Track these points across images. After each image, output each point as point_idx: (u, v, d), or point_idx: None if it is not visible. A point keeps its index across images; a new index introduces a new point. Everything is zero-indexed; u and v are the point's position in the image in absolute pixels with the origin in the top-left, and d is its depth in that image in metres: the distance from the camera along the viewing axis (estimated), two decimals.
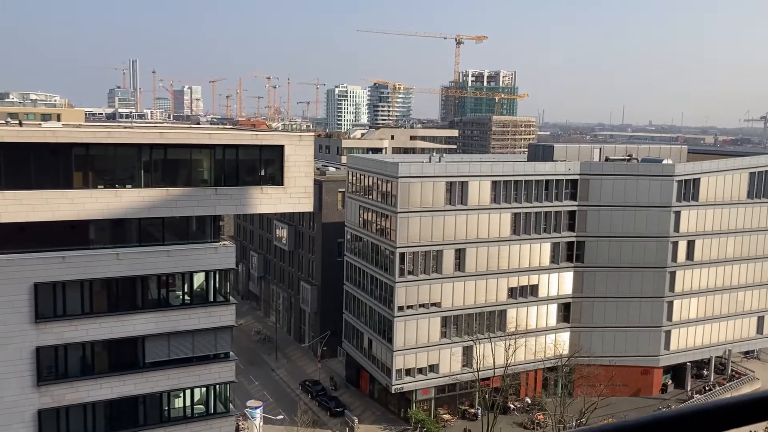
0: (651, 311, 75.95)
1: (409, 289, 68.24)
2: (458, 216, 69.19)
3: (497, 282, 71.91)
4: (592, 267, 74.94)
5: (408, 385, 68.62)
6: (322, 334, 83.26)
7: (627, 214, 73.89)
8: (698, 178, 75.33)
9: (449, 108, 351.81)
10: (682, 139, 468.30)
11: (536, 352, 72.31)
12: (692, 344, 79.12)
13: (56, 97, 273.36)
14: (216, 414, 42.03)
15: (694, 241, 76.65)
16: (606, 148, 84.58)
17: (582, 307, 75.69)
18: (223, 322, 41.40)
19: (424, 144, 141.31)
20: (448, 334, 70.32)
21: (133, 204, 37.62)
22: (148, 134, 38.94)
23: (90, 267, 37.19)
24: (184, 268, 39.94)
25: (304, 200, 42.14)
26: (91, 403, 38.00)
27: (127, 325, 38.43)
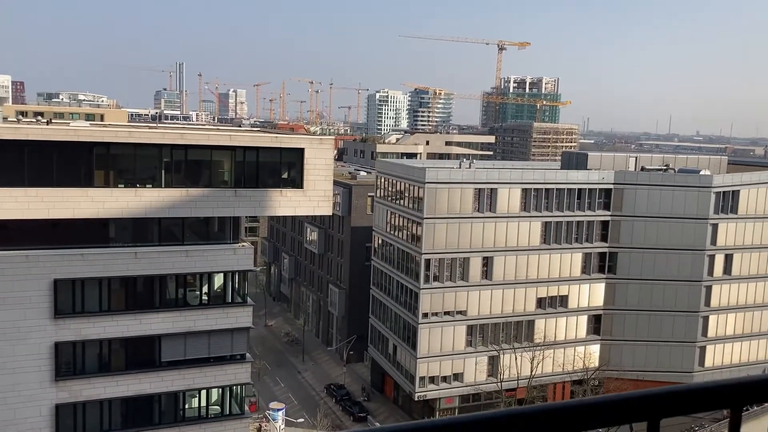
0: (685, 326, 73.75)
1: (435, 295, 67.60)
2: (486, 223, 68.31)
3: (525, 291, 70.72)
4: (624, 279, 73.15)
5: (431, 393, 67.93)
6: (348, 337, 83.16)
7: (662, 225, 71.93)
8: (737, 190, 72.92)
9: (490, 114, 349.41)
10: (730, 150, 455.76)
11: (564, 364, 70.83)
12: (728, 361, 76.54)
13: (103, 98, 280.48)
14: (231, 415, 42.13)
15: (732, 255, 74.18)
16: (642, 157, 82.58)
17: (613, 320, 73.91)
18: (240, 323, 41.51)
19: (459, 150, 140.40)
20: (474, 342, 69.42)
21: (153, 204, 38.01)
22: (169, 135, 39.35)
23: (109, 265, 37.69)
24: (202, 269, 40.19)
25: (323, 203, 42.03)
26: (107, 400, 38.46)
27: (144, 324, 38.82)
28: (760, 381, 2.06)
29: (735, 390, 2.04)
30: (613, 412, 1.90)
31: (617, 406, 1.91)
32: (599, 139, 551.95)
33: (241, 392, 43.10)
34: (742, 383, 2.05)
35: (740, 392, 2.04)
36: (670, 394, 1.97)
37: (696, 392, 2.00)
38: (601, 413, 1.89)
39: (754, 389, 2.06)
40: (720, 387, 2.03)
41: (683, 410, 1.98)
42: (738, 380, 2.06)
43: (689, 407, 2.00)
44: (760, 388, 2.07)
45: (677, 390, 1.98)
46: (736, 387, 2.05)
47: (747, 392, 2.05)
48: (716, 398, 2.03)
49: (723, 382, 2.04)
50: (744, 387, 2.05)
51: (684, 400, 1.99)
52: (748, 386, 2.06)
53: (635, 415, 1.92)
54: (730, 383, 2.05)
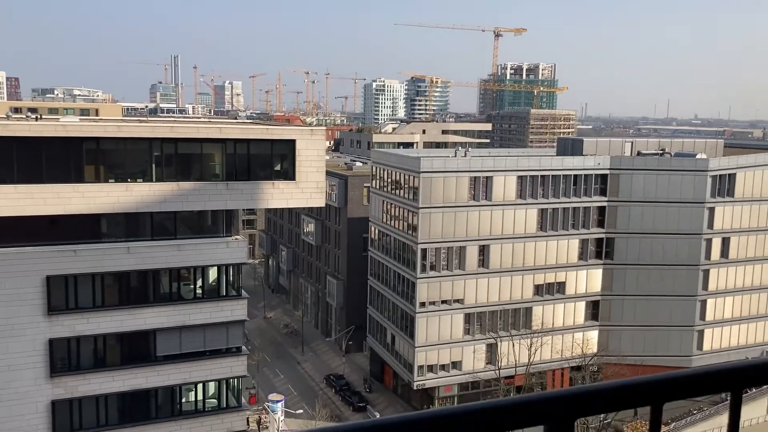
0: (683, 310, 73.79)
1: (431, 285, 67.58)
2: (482, 211, 68.17)
3: (522, 279, 70.71)
4: (622, 264, 73.10)
5: (430, 381, 68.05)
6: (347, 328, 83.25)
7: (658, 210, 71.81)
8: (734, 173, 72.76)
9: (487, 101, 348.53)
10: (728, 133, 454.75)
11: (562, 350, 70.89)
12: (727, 345, 76.64)
13: (99, 93, 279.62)
14: (228, 408, 42.17)
15: (729, 239, 74.13)
16: (638, 142, 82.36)
17: (611, 305, 73.94)
18: (235, 316, 41.47)
19: (456, 138, 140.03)
20: (472, 331, 69.48)
21: (144, 198, 37.86)
22: (159, 128, 39.14)
23: (101, 260, 37.58)
24: (195, 262, 40.09)
25: (316, 195, 41.88)
26: (103, 395, 38.47)
27: (138, 319, 38.77)
28: (759, 364, 2.11)
29: (735, 374, 2.07)
30: (617, 397, 1.92)
31: (621, 392, 1.92)
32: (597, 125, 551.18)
33: (238, 385, 43.12)
34: (741, 367, 2.09)
35: (740, 376, 2.07)
36: (672, 378, 1.99)
37: (698, 376, 2.03)
38: (605, 399, 1.91)
39: (754, 373, 2.10)
40: (721, 371, 2.07)
41: (686, 394, 2.00)
42: (737, 364, 2.09)
43: (692, 391, 2.01)
44: (759, 371, 2.11)
45: (679, 375, 2.00)
46: (736, 371, 2.08)
47: (746, 376, 2.08)
48: (717, 382, 2.07)
49: (723, 366, 2.07)
50: (743, 371, 2.09)
51: (686, 385, 2.01)
52: (748, 370, 2.09)
53: (639, 400, 1.94)
54: (730, 367, 2.08)
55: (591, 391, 1.89)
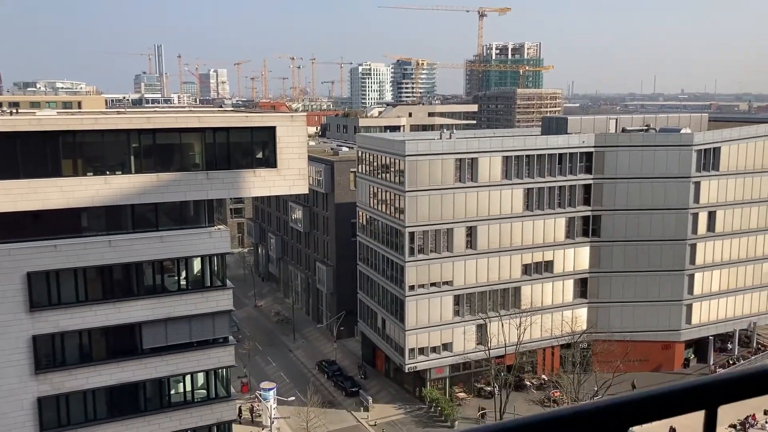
0: (671, 285, 74.16)
1: (420, 268, 67.55)
2: (468, 193, 68.03)
3: (510, 259, 70.78)
4: (609, 241, 73.27)
5: (421, 364, 68.23)
6: (338, 314, 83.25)
7: (644, 186, 71.91)
8: (718, 146, 72.86)
9: (474, 83, 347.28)
10: (715, 107, 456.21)
11: (552, 328, 71.19)
12: (715, 317, 77.18)
13: (82, 85, 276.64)
14: (217, 398, 42.12)
15: (715, 212, 74.39)
16: (622, 118, 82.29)
17: (599, 283, 74.20)
18: (221, 306, 41.31)
19: (442, 120, 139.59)
20: (461, 312, 69.61)
21: (124, 190, 37.47)
22: (136, 119, 38.62)
23: (82, 255, 37.24)
24: (178, 254, 39.82)
25: (299, 182, 41.59)
26: (90, 390, 38.32)
27: (122, 312, 38.53)
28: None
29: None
30: (671, 403, 1.84)
31: (674, 397, 1.85)
32: (584, 102, 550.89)
33: (227, 375, 43.05)
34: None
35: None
36: (727, 380, 1.90)
37: (754, 376, 1.96)
38: (659, 405, 1.81)
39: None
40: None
41: (742, 395, 1.94)
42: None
43: (748, 392, 1.95)
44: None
45: (735, 376, 1.92)
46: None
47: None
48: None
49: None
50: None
51: (742, 385, 1.93)
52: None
53: (693, 404, 1.86)
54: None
55: (645, 399, 1.80)
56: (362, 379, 74.30)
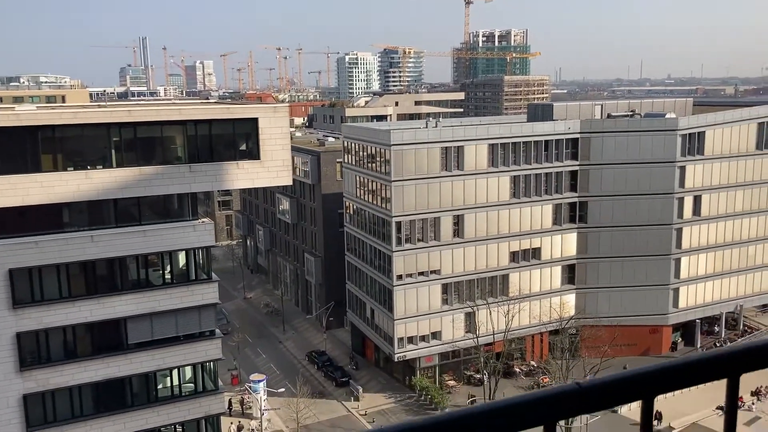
0: (658, 269, 74.58)
1: (408, 257, 67.57)
2: (455, 182, 68.02)
3: (498, 247, 70.92)
4: (596, 227, 73.56)
5: (410, 353, 68.40)
6: (327, 304, 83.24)
7: (630, 171, 72.13)
8: (703, 131, 73.13)
9: (461, 70, 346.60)
10: (701, 91, 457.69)
11: (540, 315, 71.51)
12: (702, 301, 77.75)
13: (66, 79, 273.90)
14: (205, 391, 42.00)
15: (700, 196, 74.77)
16: (608, 104, 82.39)
17: (587, 268, 74.53)
18: (206, 300, 41.10)
19: (429, 109, 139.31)
20: (450, 300, 69.76)
21: (105, 185, 37.13)
22: (116, 113, 38.22)
23: (65, 251, 36.92)
24: (162, 248, 39.55)
25: (283, 173, 41.35)
26: (76, 386, 38.09)
27: (107, 308, 38.27)
28: None
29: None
30: (695, 372, 1.88)
31: (698, 367, 1.89)
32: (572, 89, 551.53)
33: (214, 368, 42.93)
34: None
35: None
36: (749, 350, 1.97)
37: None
38: (683, 374, 1.86)
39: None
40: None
41: (765, 364, 1.98)
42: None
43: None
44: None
45: (756, 345, 1.97)
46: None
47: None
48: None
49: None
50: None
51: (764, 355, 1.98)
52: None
53: (716, 373, 1.91)
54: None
55: (670, 368, 1.86)
56: (354, 370, 74.34)
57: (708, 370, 1.89)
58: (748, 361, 1.94)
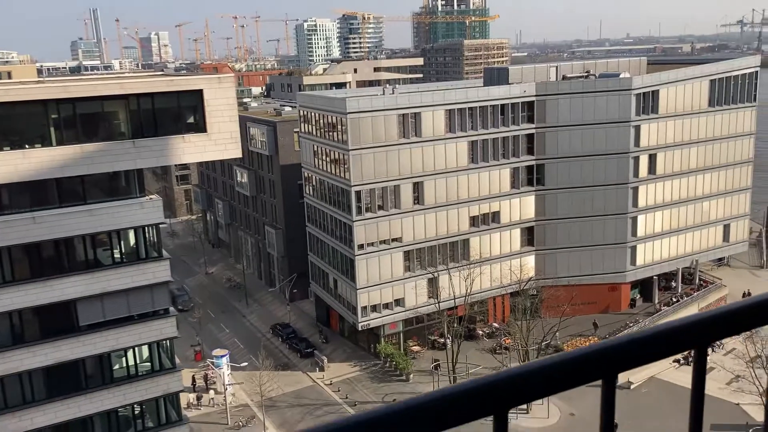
0: (615, 228, 75.60)
1: (368, 226, 67.26)
2: (413, 149, 67.55)
3: (458, 212, 70.99)
4: (553, 189, 74.04)
5: (374, 321, 68.55)
6: (290, 277, 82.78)
7: (586, 132, 72.49)
8: (657, 89, 73.64)
9: (422, 35, 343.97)
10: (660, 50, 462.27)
11: (501, 278, 72.11)
12: (659, 258, 79.22)
13: (13, 54, 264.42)
14: (162, 370, 41.48)
15: (655, 155, 75.64)
16: (563, 66, 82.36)
17: (545, 230, 75.19)
18: (158, 278, 40.33)
19: (389, 75, 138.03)
20: (412, 267, 69.85)
21: (44, 164, 35.82)
22: (52, 89, 36.74)
23: (5, 233, 35.67)
24: (109, 227, 38.53)
25: (231, 146, 40.42)
26: (26, 372, 37.22)
27: (54, 290, 37.27)
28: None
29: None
30: (662, 345, 1.75)
31: (664, 338, 1.76)
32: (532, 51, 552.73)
33: (171, 346, 42.33)
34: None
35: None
36: (717, 316, 1.85)
37: (744, 309, 1.88)
38: (648, 348, 1.72)
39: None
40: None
41: (732, 331, 1.86)
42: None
43: (739, 327, 1.88)
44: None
45: (723, 312, 1.87)
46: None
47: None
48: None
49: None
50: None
51: (732, 321, 1.87)
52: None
53: (684, 344, 1.78)
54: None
55: (632, 341, 1.68)
56: (323, 343, 74.00)
57: (675, 341, 1.73)
58: (717, 330, 1.80)
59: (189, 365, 67.20)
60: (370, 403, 61.45)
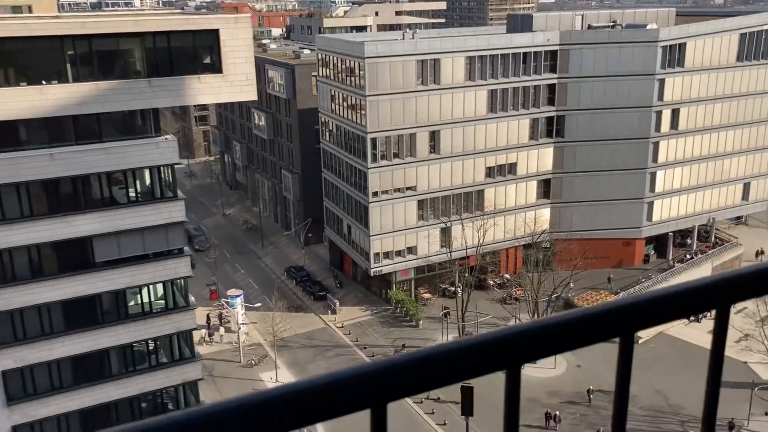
0: (633, 183, 74.81)
1: (383, 174, 67.15)
2: (431, 96, 66.77)
3: (474, 162, 70.55)
4: (572, 141, 73.14)
5: (386, 267, 69.16)
6: (305, 221, 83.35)
7: (609, 84, 71.05)
8: (684, 42, 71.65)
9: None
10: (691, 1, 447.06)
11: (515, 229, 72.07)
12: (675, 214, 78.56)
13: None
14: (176, 308, 42.34)
15: (678, 110, 74.15)
16: (589, 15, 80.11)
17: (562, 183, 74.64)
18: (173, 218, 40.72)
19: (410, 19, 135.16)
20: (425, 216, 69.97)
21: (61, 101, 35.91)
22: (68, 25, 36.53)
23: (24, 169, 36.09)
24: (125, 166, 38.79)
25: (247, 88, 40.14)
26: (45, 305, 38.18)
27: (71, 226, 37.84)
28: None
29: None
30: (682, 303, 1.65)
31: (684, 298, 1.65)
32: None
33: (185, 285, 43.08)
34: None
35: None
36: (739, 276, 1.73)
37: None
38: (668, 307, 1.62)
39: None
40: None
41: (756, 293, 1.75)
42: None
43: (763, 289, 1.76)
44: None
45: (746, 272, 1.74)
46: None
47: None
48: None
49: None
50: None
51: (757, 282, 1.74)
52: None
53: (705, 304, 1.68)
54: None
55: (652, 300, 1.60)
56: (338, 287, 74.84)
57: (697, 301, 1.65)
58: (740, 291, 1.71)
59: (204, 304, 68.62)
60: (379, 347, 62.60)
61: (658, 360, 57.75)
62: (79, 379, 39.90)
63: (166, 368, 42.31)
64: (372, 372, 1.28)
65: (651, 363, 56.75)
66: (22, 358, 37.84)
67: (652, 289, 1.72)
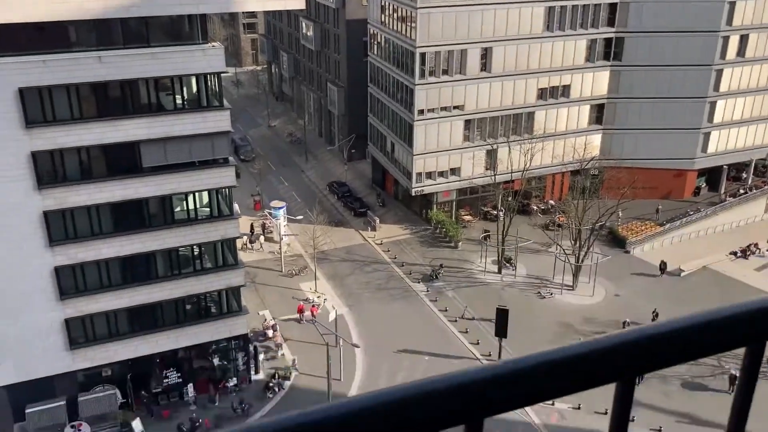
0: (691, 113, 71.79)
1: (431, 91, 65.69)
2: (485, 11, 64.16)
3: (526, 83, 68.36)
4: (630, 66, 70.02)
5: (428, 187, 68.77)
6: (349, 136, 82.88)
7: (674, 6, 67.09)
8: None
9: None
10: None
11: (564, 155, 70.36)
12: (732, 146, 75.52)
13: None
14: (221, 216, 43.07)
15: (747, 36, 69.93)
16: None
17: (616, 108, 72.08)
18: (219, 127, 40.83)
19: None
20: (471, 137, 68.74)
21: (109, 3, 35.57)
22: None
23: (73, 71, 36.29)
24: (171, 72, 38.68)
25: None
26: (94, 206, 39.21)
27: (120, 130, 38.31)
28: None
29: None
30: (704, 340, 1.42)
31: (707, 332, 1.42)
32: None
33: (229, 194, 43.62)
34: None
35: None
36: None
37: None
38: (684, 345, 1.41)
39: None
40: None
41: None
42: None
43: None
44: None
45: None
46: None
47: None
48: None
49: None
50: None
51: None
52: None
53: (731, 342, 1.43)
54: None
55: (660, 335, 1.37)
56: (380, 206, 74.80)
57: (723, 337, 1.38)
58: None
59: (249, 213, 69.77)
60: (417, 265, 63.14)
61: (698, 293, 57.02)
62: (127, 279, 41.40)
63: (210, 273, 43.52)
64: (469, 382, 1.14)
65: (691, 296, 56.10)
66: (74, 256, 39.29)
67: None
